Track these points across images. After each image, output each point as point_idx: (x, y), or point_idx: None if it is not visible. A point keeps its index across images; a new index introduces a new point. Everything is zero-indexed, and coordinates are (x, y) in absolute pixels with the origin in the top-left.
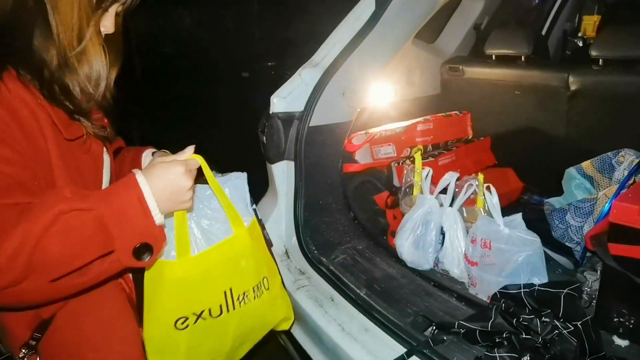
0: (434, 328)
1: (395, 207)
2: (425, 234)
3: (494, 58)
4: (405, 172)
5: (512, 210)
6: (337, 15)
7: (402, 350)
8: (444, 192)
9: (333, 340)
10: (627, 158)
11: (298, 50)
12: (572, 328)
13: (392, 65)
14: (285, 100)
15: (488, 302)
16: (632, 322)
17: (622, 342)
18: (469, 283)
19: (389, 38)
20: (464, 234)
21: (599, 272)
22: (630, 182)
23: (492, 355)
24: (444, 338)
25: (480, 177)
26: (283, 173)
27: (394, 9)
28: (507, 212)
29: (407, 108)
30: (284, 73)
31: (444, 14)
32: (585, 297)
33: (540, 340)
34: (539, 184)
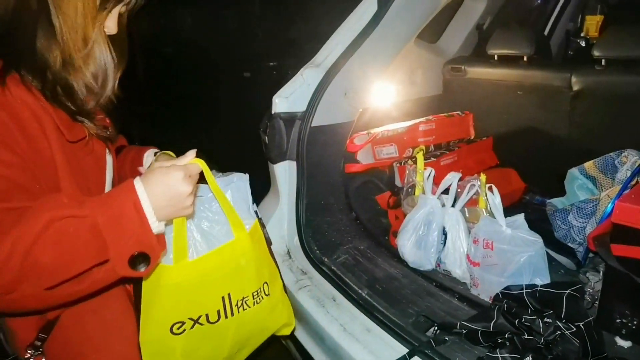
0: (436, 328)
1: (397, 207)
2: (427, 234)
3: (497, 58)
4: (407, 172)
5: (514, 211)
6: (339, 16)
7: (404, 351)
8: (446, 192)
9: (335, 340)
10: (630, 158)
11: (300, 51)
12: (574, 329)
13: (394, 65)
14: (288, 101)
15: (490, 302)
16: (634, 323)
17: (624, 343)
18: (471, 283)
19: (391, 38)
20: (466, 235)
21: (602, 273)
22: (633, 182)
23: (494, 356)
24: (446, 338)
25: (483, 177)
26: (285, 173)
27: (396, 9)
28: (509, 212)
29: (409, 108)
30: (286, 73)
31: (446, 14)
32: (588, 297)
33: (543, 341)
34: (541, 185)
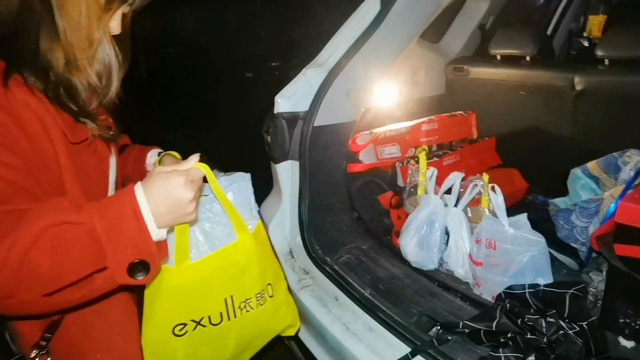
0: (439, 328)
1: (400, 207)
2: (430, 234)
3: (499, 58)
4: (410, 172)
5: (517, 211)
6: (341, 15)
7: (406, 350)
8: (449, 192)
9: (337, 340)
10: (633, 158)
11: (302, 51)
12: (577, 329)
13: (396, 65)
14: (290, 101)
15: (493, 302)
16: (637, 323)
17: (627, 343)
18: (474, 283)
19: (394, 38)
20: (469, 234)
21: (605, 272)
22: (636, 182)
23: (496, 355)
24: (449, 338)
25: (485, 177)
26: (287, 173)
27: (399, 9)
28: (512, 212)
29: (411, 108)
30: (288, 73)
31: (449, 14)
32: (591, 297)
33: (546, 341)
34: (544, 184)
